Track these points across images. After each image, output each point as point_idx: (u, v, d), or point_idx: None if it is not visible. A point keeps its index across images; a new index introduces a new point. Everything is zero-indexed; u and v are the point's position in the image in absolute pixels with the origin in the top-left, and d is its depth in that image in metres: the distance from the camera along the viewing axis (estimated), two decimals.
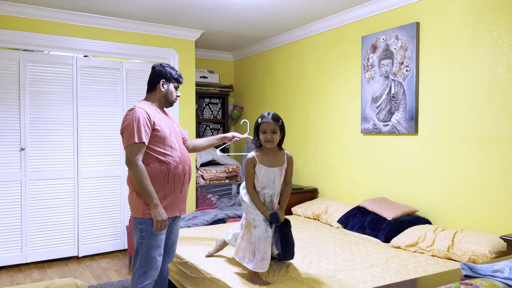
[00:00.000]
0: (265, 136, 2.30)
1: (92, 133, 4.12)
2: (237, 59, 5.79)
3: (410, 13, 3.32)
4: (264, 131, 2.31)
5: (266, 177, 2.32)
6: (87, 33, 4.09)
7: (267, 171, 2.31)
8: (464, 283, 0.86)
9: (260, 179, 2.32)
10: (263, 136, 2.31)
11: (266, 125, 2.30)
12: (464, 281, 0.87)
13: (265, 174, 2.31)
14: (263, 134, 2.31)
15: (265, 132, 2.30)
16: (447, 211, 3.07)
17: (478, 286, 0.83)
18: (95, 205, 4.15)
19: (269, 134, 2.30)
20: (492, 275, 0.96)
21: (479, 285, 0.83)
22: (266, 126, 2.30)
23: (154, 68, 2.48)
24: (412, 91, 3.27)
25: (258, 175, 2.32)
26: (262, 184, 2.33)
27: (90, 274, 3.67)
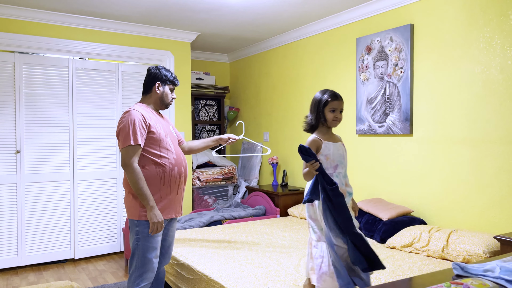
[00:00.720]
0: (335, 114, 2.14)
1: (88, 135, 4.12)
2: (233, 60, 5.81)
3: (404, 15, 3.35)
4: (333, 109, 2.14)
5: (337, 154, 2.13)
6: (82, 35, 4.09)
7: (335, 147, 2.14)
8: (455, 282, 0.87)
9: (331, 158, 2.11)
10: (332, 114, 2.14)
11: (338, 104, 2.15)
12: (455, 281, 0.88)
13: (334, 150, 2.13)
14: (332, 112, 2.14)
15: (334, 111, 2.15)
16: (442, 211, 3.09)
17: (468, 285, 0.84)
18: (91, 207, 4.15)
19: (338, 113, 2.15)
20: (483, 275, 0.97)
21: (470, 285, 0.85)
22: (338, 104, 2.15)
23: (149, 70, 2.48)
24: (406, 92, 3.30)
25: (328, 153, 2.11)
26: (333, 163, 2.11)
27: (86, 276, 3.66)
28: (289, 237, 3.26)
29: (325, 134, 2.17)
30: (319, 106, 2.17)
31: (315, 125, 2.19)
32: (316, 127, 2.19)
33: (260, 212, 4.27)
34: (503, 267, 0.97)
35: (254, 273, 2.42)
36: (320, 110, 2.17)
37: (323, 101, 2.16)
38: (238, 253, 2.84)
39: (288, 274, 2.40)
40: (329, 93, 2.16)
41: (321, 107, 2.16)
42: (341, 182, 2.09)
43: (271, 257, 2.73)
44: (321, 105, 2.16)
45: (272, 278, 2.33)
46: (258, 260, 2.66)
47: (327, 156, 2.11)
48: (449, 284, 0.85)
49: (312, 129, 2.20)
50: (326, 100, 2.16)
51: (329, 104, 2.15)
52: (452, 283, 0.85)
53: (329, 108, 2.15)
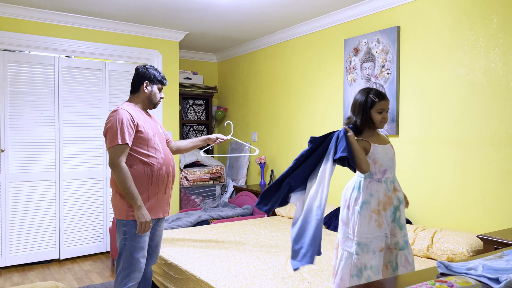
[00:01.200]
0: (382, 115, 2.02)
1: (74, 135, 4.07)
2: (221, 60, 5.80)
3: (391, 17, 3.39)
4: (381, 110, 2.01)
5: (385, 157, 2.01)
6: (69, 33, 4.04)
7: (383, 150, 2.02)
8: (440, 280, 0.89)
9: (380, 161, 1.99)
10: (379, 116, 2.02)
11: (385, 104, 2.02)
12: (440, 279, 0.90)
13: (383, 154, 2.00)
14: (380, 114, 2.02)
15: (381, 112, 2.02)
16: (427, 211, 3.14)
17: (452, 283, 0.87)
18: (77, 207, 4.10)
19: (385, 114, 2.03)
20: (466, 273, 1.00)
21: (454, 282, 0.87)
22: (385, 105, 2.02)
23: (137, 69, 2.47)
24: (393, 93, 3.34)
25: (376, 157, 1.99)
26: (382, 167, 1.99)
27: (72, 277, 3.62)
28: (277, 237, 3.27)
29: (371, 136, 2.05)
30: (365, 107, 2.03)
31: (360, 128, 2.05)
32: (361, 130, 2.06)
33: (247, 211, 4.28)
34: (485, 266, 1.00)
35: (242, 272, 2.43)
36: (366, 112, 2.03)
37: (369, 102, 2.03)
38: (225, 252, 2.85)
39: (276, 273, 2.41)
40: (374, 93, 2.04)
41: (367, 108, 2.02)
42: (387, 188, 2.00)
43: (259, 256, 2.74)
44: (368, 106, 2.02)
45: (260, 277, 2.34)
46: (246, 260, 2.66)
47: (375, 160, 2.00)
48: (433, 282, 0.87)
49: (358, 132, 2.06)
50: (372, 101, 2.03)
51: (376, 105, 2.02)
52: (436, 281, 0.87)
53: (377, 109, 2.02)
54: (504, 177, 2.68)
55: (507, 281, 0.90)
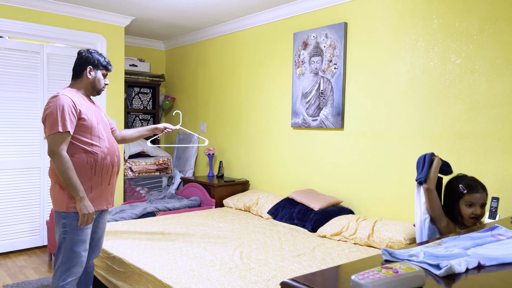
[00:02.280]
0: (474, 210, 1.76)
1: (8, 121, 3.79)
2: (170, 48, 5.65)
3: (339, 13, 3.48)
4: (471, 203, 1.76)
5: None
6: (3, 12, 3.73)
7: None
8: (385, 267, 0.92)
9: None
10: (469, 210, 1.77)
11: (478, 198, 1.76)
12: (385, 265, 0.94)
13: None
14: (470, 207, 1.77)
15: (472, 205, 1.76)
16: (369, 201, 3.28)
17: (397, 269, 0.90)
18: (10, 198, 3.83)
19: (478, 209, 1.77)
20: (408, 259, 1.05)
21: (399, 269, 0.90)
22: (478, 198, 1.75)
23: (80, 53, 2.34)
24: (339, 88, 3.44)
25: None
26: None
27: (4, 273, 3.39)
28: (224, 228, 3.27)
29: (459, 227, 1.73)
30: (449, 194, 1.78)
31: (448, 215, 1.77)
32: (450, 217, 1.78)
33: (195, 203, 4.23)
34: (426, 252, 1.06)
35: (189, 264, 2.40)
36: (449, 200, 1.78)
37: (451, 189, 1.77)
38: (172, 244, 2.80)
39: (223, 263, 2.41)
40: (465, 183, 1.76)
41: (455, 198, 1.77)
42: None
43: (206, 247, 2.73)
44: (449, 193, 1.78)
45: (207, 268, 2.33)
46: (193, 251, 2.64)
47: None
48: (380, 269, 0.91)
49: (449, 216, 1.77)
50: (459, 191, 1.76)
51: (465, 197, 1.75)
52: (382, 267, 0.91)
53: (467, 202, 1.77)
54: None
55: (448, 267, 0.95)
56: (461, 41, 2.75)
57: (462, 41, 2.75)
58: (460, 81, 2.76)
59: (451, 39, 2.80)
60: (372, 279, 0.85)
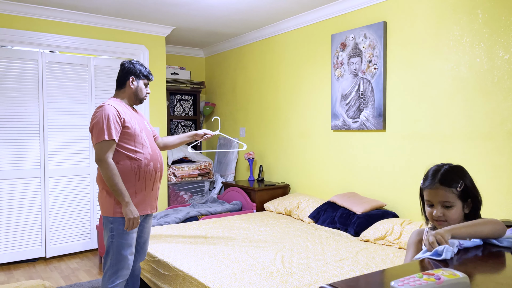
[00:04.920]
0: (431, 211, 1.43)
1: (60, 131, 4.01)
2: (209, 55, 5.77)
3: (378, 12, 3.41)
4: (429, 203, 1.44)
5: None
6: (52, 27, 3.97)
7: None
8: (427, 273, 0.90)
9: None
10: (428, 210, 1.45)
11: (431, 194, 1.43)
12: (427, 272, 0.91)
13: None
14: (430, 207, 1.44)
15: (431, 205, 1.44)
16: (413, 204, 3.18)
17: (439, 275, 0.87)
18: (63, 204, 4.05)
19: (438, 209, 1.41)
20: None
21: (441, 275, 0.88)
22: (431, 195, 1.42)
23: (123, 64, 2.44)
24: (380, 88, 3.36)
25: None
26: None
27: (58, 275, 3.58)
28: (265, 232, 3.28)
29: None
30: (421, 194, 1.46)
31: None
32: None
33: (236, 207, 4.27)
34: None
35: (231, 268, 2.43)
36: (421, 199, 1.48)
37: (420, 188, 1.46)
38: (214, 248, 2.84)
39: (265, 267, 2.42)
40: (425, 175, 1.47)
41: (420, 195, 1.48)
42: None
43: (248, 251, 2.75)
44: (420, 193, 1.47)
45: (249, 272, 2.35)
46: (235, 255, 2.66)
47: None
48: (421, 275, 0.88)
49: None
50: (421, 187, 1.47)
51: (423, 192, 1.47)
52: (424, 273, 0.88)
53: (425, 200, 1.46)
54: (491, 170, 2.72)
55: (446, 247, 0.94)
56: (509, 36, 2.61)
57: (510, 35, 2.61)
58: (509, 77, 2.61)
59: (498, 34, 2.66)
60: (412, 285, 0.83)
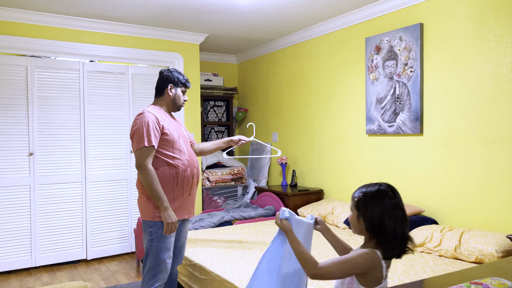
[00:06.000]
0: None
1: (99, 137, 4.16)
2: (241, 61, 5.82)
3: (414, 14, 3.34)
4: None
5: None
6: (93, 38, 4.13)
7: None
8: (475, 282, 0.88)
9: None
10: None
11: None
12: (475, 281, 0.89)
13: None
14: None
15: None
16: (454, 211, 3.08)
17: (488, 285, 0.85)
18: (102, 208, 4.19)
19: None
20: None
21: (489, 284, 0.86)
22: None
23: (161, 73, 2.51)
24: (416, 91, 3.29)
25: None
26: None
27: (99, 277, 3.70)
28: None
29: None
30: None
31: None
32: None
33: (270, 212, 4.28)
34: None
35: None
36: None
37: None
38: (249, 253, 2.86)
39: None
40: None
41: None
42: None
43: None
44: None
45: None
46: None
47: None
48: (469, 284, 0.86)
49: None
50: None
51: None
52: (472, 283, 0.86)
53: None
54: None
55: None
56: None
57: None
58: None
59: None
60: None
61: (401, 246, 1.31)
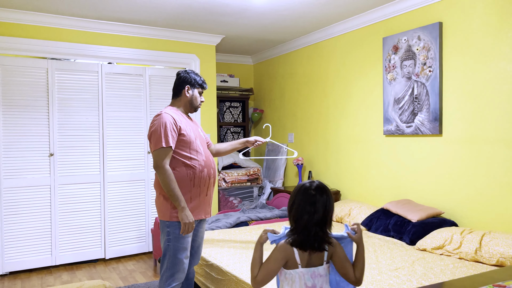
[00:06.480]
0: None
1: (117, 138, 4.22)
2: (257, 62, 5.83)
3: (433, 13, 3.30)
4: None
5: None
6: (111, 40, 4.19)
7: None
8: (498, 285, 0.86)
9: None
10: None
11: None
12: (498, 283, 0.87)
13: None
14: None
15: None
16: (474, 213, 3.02)
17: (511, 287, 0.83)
18: (120, 208, 4.24)
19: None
20: None
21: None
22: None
23: (179, 74, 2.53)
24: (435, 91, 3.24)
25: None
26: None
27: (117, 276, 3.75)
28: None
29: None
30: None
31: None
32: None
33: (285, 213, 4.27)
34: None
35: None
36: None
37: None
38: (266, 254, 2.84)
39: None
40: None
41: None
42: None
43: None
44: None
45: None
46: None
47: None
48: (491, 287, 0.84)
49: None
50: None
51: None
52: (495, 285, 0.84)
53: None
54: None
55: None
56: None
57: None
58: None
59: None
60: None
61: (310, 239, 1.51)
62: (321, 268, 1.55)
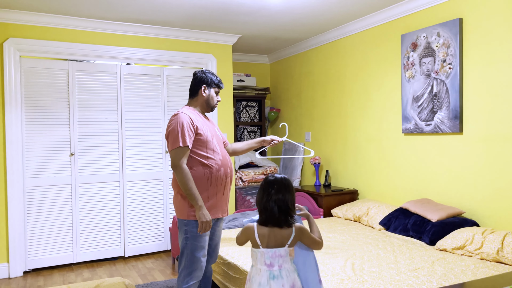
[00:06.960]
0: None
1: (136, 138, 4.28)
2: (273, 61, 5.83)
3: (452, 9, 3.23)
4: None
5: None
6: (129, 41, 4.25)
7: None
8: None
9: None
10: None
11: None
12: None
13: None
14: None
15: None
16: (496, 212, 2.95)
17: None
18: (139, 207, 4.30)
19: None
20: None
21: None
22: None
23: (195, 74, 2.55)
24: (455, 89, 3.18)
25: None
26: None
27: (136, 273, 3.80)
28: (334, 238, 3.23)
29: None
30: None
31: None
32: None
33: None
34: None
35: None
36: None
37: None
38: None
39: (335, 274, 2.38)
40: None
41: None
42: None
43: (316, 257, 2.72)
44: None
45: None
46: None
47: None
48: None
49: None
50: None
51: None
52: None
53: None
54: None
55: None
56: None
57: None
58: None
59: None
60: None
61: (272, 215, 1.83)
62: (282, 249, 1.81)
